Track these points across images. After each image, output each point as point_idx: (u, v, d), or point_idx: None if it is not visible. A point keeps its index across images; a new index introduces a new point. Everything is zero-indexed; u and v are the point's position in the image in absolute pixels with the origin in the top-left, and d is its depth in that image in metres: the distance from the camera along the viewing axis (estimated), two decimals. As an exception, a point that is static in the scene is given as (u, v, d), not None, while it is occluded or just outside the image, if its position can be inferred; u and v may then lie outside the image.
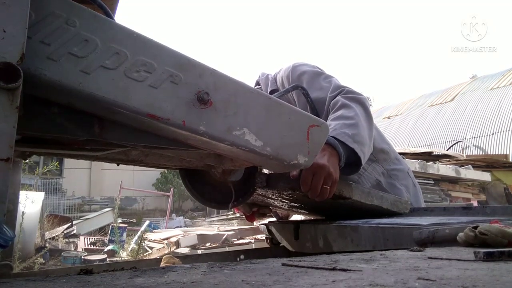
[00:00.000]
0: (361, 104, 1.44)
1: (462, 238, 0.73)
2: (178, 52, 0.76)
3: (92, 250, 7.54)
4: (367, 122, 1.41)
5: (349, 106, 1.42)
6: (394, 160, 1.67)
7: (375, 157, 1.61)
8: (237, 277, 0.55)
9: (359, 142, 1.30)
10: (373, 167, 1.60)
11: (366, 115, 1.42)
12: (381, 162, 1.63)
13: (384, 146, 1.66)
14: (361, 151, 1.29)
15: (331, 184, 1.17)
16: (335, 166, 1.21)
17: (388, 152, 1.67)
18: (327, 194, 1.17)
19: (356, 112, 1.39)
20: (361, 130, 1.34)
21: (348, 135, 1.29)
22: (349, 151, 1.27)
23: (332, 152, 1.24)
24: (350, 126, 1.32)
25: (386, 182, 1.59)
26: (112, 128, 0.79)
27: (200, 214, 14.90)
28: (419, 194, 1.70)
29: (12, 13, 0.58)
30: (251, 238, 5.90)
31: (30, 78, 0.63)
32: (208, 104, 0.76)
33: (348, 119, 1.36)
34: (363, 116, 1.40)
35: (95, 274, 0.66)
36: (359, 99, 1.46)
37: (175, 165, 1.11)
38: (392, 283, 0.45)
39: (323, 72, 1.63)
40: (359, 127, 1.34)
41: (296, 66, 1.68)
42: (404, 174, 1.66)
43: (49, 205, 11.47)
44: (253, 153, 0.83)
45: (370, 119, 1.43)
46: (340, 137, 1.27)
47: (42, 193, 7.63)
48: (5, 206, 0.58)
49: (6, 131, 0.57)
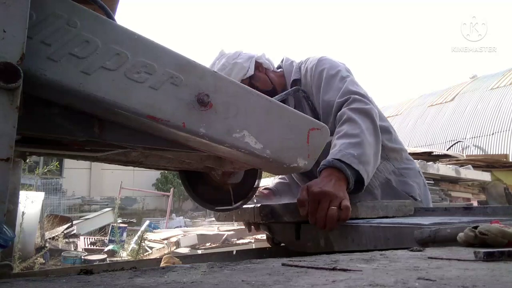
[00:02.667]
0: (367, 116, 1.39)
1: (462, 238, 0.73)
2: (179, 54, 0.76)
3: (92, 250, 7.53)
4: (374, 136, 1.35)
5: (354, 121, 1.36)
6: (405, 160, 1.65)
7: (387, 155, 1.59)
8: (237, 277, 0.56)
9: (364, 162, 1.25)
10: (384, 165, 1.57)
11: (372, 128, 1.37)
12: (392, 161, 1.60)
13: (397, 146, 1.63)
14: (365, 171, 1.25)
15: (343, 210, 1.09)
16: (343, 190, 1.16)
17: (400, 152, 1.64)
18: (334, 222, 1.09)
19: (361, 129, 1.33)
20: (367, 149, 1.29)
21: (354, 156, 1.24)
22: (355, 173, 1.22)
23: (340, 176, 1.19)
24: (355, 146, 1.27)
25: (397, 180, 1.57)
26: (112, 129, 0.79)
27: (200, 214, 14.90)
28: (429, 194, 1.69)
29: (12, 13, 0.59)
30: (251, 238, 5.89)
31: (31, 78, 0.63)
32: (208, 106, 0.76)
33: (353, 137, 1.31)
34: (369, 131, 1.35)
35: (95, 274, 0.66)
36: (365, 111, 1.40)
37: (175, 167, 1.11)
38: (392, 283, 0.45)
39: (342, 70, 1.57)
40: (364, 146, 1.29)
41: (321, 60, 1.64)
42: (415, 172, 1.65)
43: (49, 205, 11.47)
44: (252, 155, 0.83)
45: (377, 133, 1.38)
46: (345, 159, 1.22)
47: (42, 193, 7.63)
48: (5, 206, 0.58)
49: (6, 131, 0.57)
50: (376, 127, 1.39)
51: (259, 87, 1.60)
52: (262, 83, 1.68)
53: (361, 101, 1.44)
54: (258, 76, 1.68)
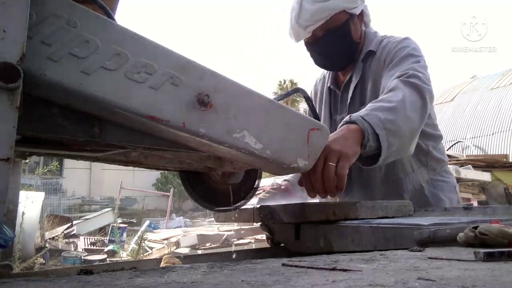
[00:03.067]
0: (418, 91, 1.25)
1: (462, 238, 0.73)
2: (179, 54, 0.76)
3: (92, 250, 7.54)
4: (416, 113, 1.21)
5: (399, 89, 1.24)
6: (443, 173, 1.59)
7: (427, 162, 1.52)
8: (237, 277, 0.56)
9: (390, 131, 1.10)
10: (421, 171, 1.51)
11: (418, 105, 1.23)
12: (430, 170, 1.53)
13: (440, 156, 1.57)
14: (387, 141, 1.10)
15: (338, 176, 0.99)
16: (353, 147, 1.05)
17: (441, 163, 1.58)
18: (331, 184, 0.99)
19: (403, 98, 1.20)
20: (400, 119, 1.14)
21: (380, 119, 1.10)
22: (374, 136, 1.09)
23: (355, 129, 1.07)
24: (386, 110, 1.14)
25: (429, 190, 1.51)
26: (112, 129, 0.79)
27: (200, 214, 14.90)
28: None
29: (12, 13, 0.59)
30: (251, 238, 5.90)
31: (31, 78, 0.63)
32: (208, 106, 0.76)
33: (389, 102, 1.18)
34: (412, 105, 1.21)
35: (95, 274, 0.66)
36: (417, 86, 1.27)
37: (175, 167, 1.11)
38: (392, 283, 0.45)
39: (422, 56, 1.44)
40: (397, 114, 1.15)
41: (407, 39, 1.52)
42: (450, 187, 1.58)
43: (49, 205, 11.48)
44: (252, 155, 0.83)
45: (422, 111, 1.23)
46: (368, 118, 1.10)
47: (42, 193, 7.64)
48: (5, 206, 0.58)
49: (6, 131, 0.57)
50: (424, 105, 1.25)
51: (351, 31, 1.52)
52: (355, 31, 1.55)
53: (420, 78, 1.30)
54: (356, 22, 1.56)
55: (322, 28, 1.48)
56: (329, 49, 1.55)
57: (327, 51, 1.56)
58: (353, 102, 1.58)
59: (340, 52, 1.56)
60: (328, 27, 1.48)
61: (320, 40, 1.52)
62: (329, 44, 1.53)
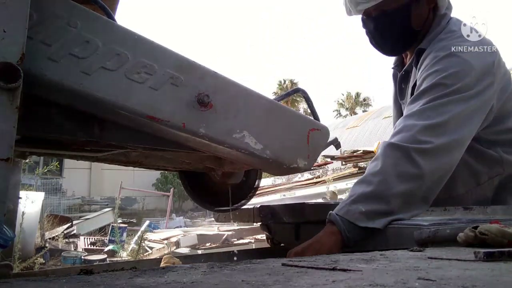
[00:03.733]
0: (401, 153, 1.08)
1: (462, 238, 0.73)
2: (179, 54, 0.76)
3: (92, 250, 7.54)
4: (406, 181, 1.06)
5: (378, 159, 1.09)
6: None
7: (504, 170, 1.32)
8: (237, 277, 0.56)
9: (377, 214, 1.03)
10: (491, 182, 1.33)
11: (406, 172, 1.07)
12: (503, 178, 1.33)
13: None
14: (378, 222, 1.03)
15: None
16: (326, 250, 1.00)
17: None
18: None
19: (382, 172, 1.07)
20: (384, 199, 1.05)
21: (360, 212, 1.03)
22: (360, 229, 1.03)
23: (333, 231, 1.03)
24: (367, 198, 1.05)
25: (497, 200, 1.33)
26: (112, 129, 0.79)
27: (200, 214, 14.90)
28: None
29: (12, 13, 0.59)
30: (251, 238, 5.90)
31: (31, 78, 0.63)
32: (209, 107, 0.76)
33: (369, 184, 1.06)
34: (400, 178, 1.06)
35: (95, 274, 0.66)
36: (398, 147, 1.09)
37: (175, 167, 1.11)
38: (392, 283, 0.45)
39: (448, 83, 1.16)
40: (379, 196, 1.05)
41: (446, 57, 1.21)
42: None
43: (49, 205, 11.47)
44: (252, 156, 0.83)
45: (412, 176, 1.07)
46: (348, 215, 1.03)
47: (42, 193, 7.63)
48: (5, 206, 0.58)
49: (6, 131, 0.57)
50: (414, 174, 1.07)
51: (411, 16, 1.31)
52: (418, 16, 1.32)
53: (404, 131, 1.12)
54: (422, 6, 1.32)
55: (377, 8, 1.30)
56: (381, 33, 1.36)
57: (378, 34, 1.37)
58: None
59: (392, 37, 1.37)
60: (384, 8, 1.29)
61: (373, 21, 1.34)
62: (381, 26, 1.34)
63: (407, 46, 1.39)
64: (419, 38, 1.36)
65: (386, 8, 1.29)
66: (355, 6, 1.31)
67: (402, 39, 1.37)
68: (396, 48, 1.42)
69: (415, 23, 1.33)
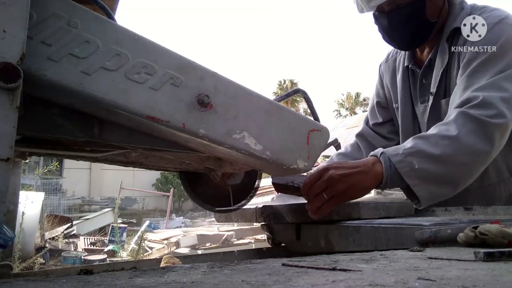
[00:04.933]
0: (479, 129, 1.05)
1: (462, 239, 0.73)
2: (179, 55, 0.76)
3: (92, 250, 7.54)
4: (471, 156, 1.05)
5: (453, 126, 1.05)
6: None
7: None
8: (237, 277, 0.56)
9: (427, 180, 1.02)
10: None
11: (475, 148, 1.05)
12: None
13: None
14: (424, 190, 1.03)
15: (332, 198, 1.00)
16: (360, 188, 1.03)
17: None
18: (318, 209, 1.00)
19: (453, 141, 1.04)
20: (442, 166, 1.03)
21: (413, 167, 1.02)
22: (402, 184, 1.04)
23: (376, 172, 1.02)
24: (426, 158, 1.03)
25: None
26: (112, 130, 0.79)
27: (200, 214, 14.91)
28: None
29: (12, 13, 0.59)
30: (251, 238, 5.90)
31: (31, 78, 0.63)
32: (209, 107, 0.76)
33: (435, 145, 1.04)
34: (467, 149, 1.04)
35: (95, 274, 0.66)
36: (481, 122, 1.05)
37: (175, 168, 1.11)
38: (392, 283, 0.45)
39: None
40: (440, 161, 1.03)
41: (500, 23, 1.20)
42: None
43: (49, 205, 11.48)
44: (252, 156, 0.83)
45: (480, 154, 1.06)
46: (399, 165, 1.02)
47: (42, 193, 7.64)
48: (5, 206, 0.58)
49: (6, 131, 0.57)
50: (484, 149, 1.06)
51: (425, 9, 1.28)
52: (433, 8, 1.29)
53: (489, 107, 1.07)
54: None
55: (390, 3, 1.27)
56: (395, 28, 1.32)
57: (393, 29, 1.33)
58: (438, 93, 1.34)
59: (408, 32, 1.33)
60: (398, 2, 1.26)
61: (387, 16, 1.30)
62: (396, 22, 1.31)
63: (424, 39, 1.35)
64: (437, 29, 1.33)
65: (400, 2, 1.26)
66: (368, 2, 1.28)
67: (418, 32, 1.33)
68: (414, 42, 1.38)
69: (431, 15, 1.29)
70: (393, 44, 1.44)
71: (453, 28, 1.29)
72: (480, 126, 1.06)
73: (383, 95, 1.62)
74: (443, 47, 1.32)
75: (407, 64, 1.47)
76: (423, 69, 1.40)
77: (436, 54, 1.35)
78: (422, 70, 1.41)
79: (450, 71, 1.30)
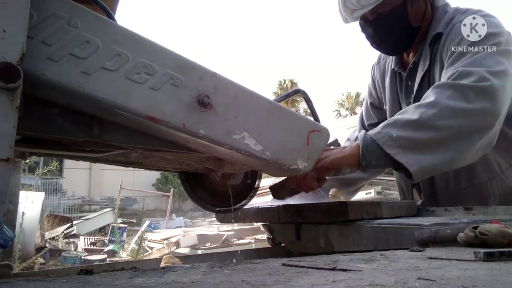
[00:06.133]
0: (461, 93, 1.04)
1: (462, 238, 0.73)
2: (179, 55, 0.76)
3: (92, 250, 7.54)
4: (456, 119, 1.02)
5: (431, 95, 1.06)
6: None
7: None
8: (237, 277, 0.56)
9: (408, 147, 1.02)
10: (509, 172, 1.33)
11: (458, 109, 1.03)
12: None
13: None
14: (408, 157, 1.02)
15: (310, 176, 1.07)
16: (340, 162, 1.06)
17: None
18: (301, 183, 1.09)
19: (432, 105, 1.03)
20: (422, 131, 1.02)
21: (391, 137, 1.02)
22: (382, 155, 1.04)
23: (354, 147, 1.06)
24: (405, 125, 1.03)
25: None
26: (112, 130, 0.79)
27: (200, 214, 14.90)
28: None
29: (12, 13, 0.59)
30: (251, 238, 5.90)
31: (31, 78, 0.63)
32: (209, 107, 0.76)
33: (412, 113, 1.04)
34: (448, 112, 1.02)
35: (95, 274, 0.66)
36: (462, 87, 1.04)
37: (175, 168, 1.11)
38: (392, 283, 0.45)
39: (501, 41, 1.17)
40: (419, 126, 1.02)
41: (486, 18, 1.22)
42: None
43: (49, 205, 11.48)
44: (252, 157, 0.83)
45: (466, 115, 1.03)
46: (376, 136, 1.05)
47: (42, 193, 7.63)
48: (5, 206, 0.58)
49: (6, 131, 0.57)
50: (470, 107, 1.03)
51: (408, 15, 1.32)
52: (415, 13, 1.33)
53: (472, 75, 1.06)
54: (418, 2, 1.33)
55: (372, 12, 1.30)
56: (381, 35, 1.38)
57: (379, 36, 1.38)
58: (419, 91, 1.37)
59: (393, 38, 1.38)
60: (380, 11, 1.30)
61: (371, 25, 1.35)
62: (380, 29, 1.36)
63: (409, 43, 1.40)
64: (421, 33, 1.37)
65: (382, 10, 1.30)
66: (351, 13, 1.32)
67: (403, 38, 1.38)
68: (400, 47, 1.43)
69: (414, 20, 1.34)
70: (381, 50, 1.50)
71: (436, 33, 1.33)
72: (460, 89, 1.05)
73: (376, 96, 1.66)
74: (425, 51, 1.36)
75: (393, 67, 1.53)
76: (408, 72, 1.45)
77: (420, 57, 1.39)
78: (407, 72, 1.46)
79: (432, 72, 1.34)
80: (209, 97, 0.76)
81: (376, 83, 1.64)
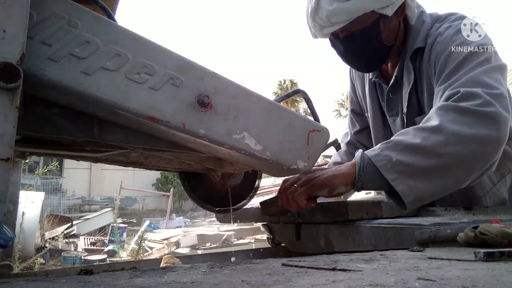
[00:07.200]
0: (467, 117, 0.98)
1: (462, 238, 0.73)
2: (179, 55, 0.76)
3: (92, 250, 7.54)
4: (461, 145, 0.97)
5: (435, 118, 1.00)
6: None
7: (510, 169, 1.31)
8: (237, 277, 0.56)
9: (406, 173, 0.97)
10: (503, 182, 1.30)
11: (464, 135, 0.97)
12: None
13: None
14: (405, 184, 0.97)
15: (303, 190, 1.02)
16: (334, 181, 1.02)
17: None
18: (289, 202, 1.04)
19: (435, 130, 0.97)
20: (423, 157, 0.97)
21: (390, 160, 0.97)
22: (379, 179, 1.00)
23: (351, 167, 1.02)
24: (405, 149, 0.98)
25: None
26: (112, 130, 0.79)
27: (200, 214, 14.90)
28: None
29: (12, 13, 0.59)
30: (251, 238, 5.90)
31: (31, 78, 0.63)
32: (209, 107, 0.76)
33: (414, 136, 0.99)
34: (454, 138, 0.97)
35: (95, 274, 0.66)
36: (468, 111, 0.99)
37: (175, 168, 1.11)
38: (392, 283, 0.45)
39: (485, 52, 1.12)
40: (419, 152, 0.97)
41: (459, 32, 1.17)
42: None
43: (49, 205, 11.48)
44: (252, 157, 0.83)
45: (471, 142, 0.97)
46: (375, 158, 0.99)
47: (42, 193, 7.63)
48: (5, 206, 0.58)
49: (6, 131, 0.57)
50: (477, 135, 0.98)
51: (380, 34, 1.25)
52: (389, 32, 1.26)
53: (476, 97, 1.01)
54: (392, 20, 1.25)
55: (343, 30, 1.24)
56: (351, 53, 1.31)
57: (349, 54, 1.32)
58: (410, 111, 1.33)
59: (366, 57, 1.32)
60: (351, 30, 1.23)
61: (342, 42, 1.28)
62: (351, 48, 1.29)
63: (382, 62, 1.35)
64: (395, 49, 1.32)
65: (353, 29, 1.23)
66: (320, 30, 1.25)
67: (375, 56, 1.32)
68: (372, 66, 1.37)
69: (387, 39, 1.28)
70: (353, 67, 1.45)
71: (416, 48, 1.27)
72: (465, 113, 0.99)
73: (357, 101, 1.62)
74: (407, 65, 1.29)
75: (371, 77, 1.47)
76: (390, 87, 1.39)
77: (401, 71, 1.33)
78: (389, 88, 1.40)
79: (421, 87, 1.28)
80: (209, 97, 0.76)
81: (356, 87, 1.60)
